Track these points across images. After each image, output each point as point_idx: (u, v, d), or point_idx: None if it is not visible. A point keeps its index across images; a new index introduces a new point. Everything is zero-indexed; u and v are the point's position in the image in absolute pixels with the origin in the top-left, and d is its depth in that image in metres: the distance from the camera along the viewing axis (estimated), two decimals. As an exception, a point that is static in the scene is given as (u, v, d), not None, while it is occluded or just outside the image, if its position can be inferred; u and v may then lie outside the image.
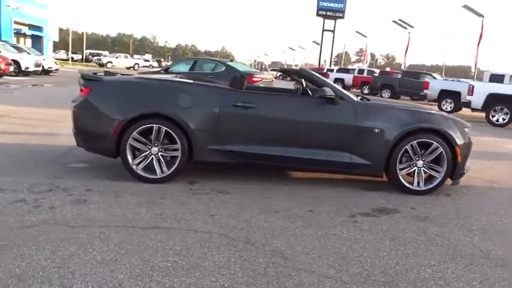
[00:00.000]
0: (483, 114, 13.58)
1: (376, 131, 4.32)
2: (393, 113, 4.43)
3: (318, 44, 54.01)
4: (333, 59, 52.63)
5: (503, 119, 12.97)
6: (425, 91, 17.46)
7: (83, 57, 56.65)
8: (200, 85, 4.47)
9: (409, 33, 32.12)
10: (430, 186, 4.47)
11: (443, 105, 16.43)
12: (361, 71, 31.15)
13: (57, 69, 24.12)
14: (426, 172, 4.47)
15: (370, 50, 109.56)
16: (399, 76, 24.47)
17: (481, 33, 22.66)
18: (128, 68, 42.95)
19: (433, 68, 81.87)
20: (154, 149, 4.22)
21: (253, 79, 11.49)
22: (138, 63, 47.49)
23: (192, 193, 4.04)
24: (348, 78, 30.27)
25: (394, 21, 32.64)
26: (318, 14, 47.27)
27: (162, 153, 4.23)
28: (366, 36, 42.43)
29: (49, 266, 2.50)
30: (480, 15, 22.47)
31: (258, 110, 4.25)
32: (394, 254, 2.99)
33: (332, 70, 35.33)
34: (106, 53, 59.95)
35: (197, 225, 3.26)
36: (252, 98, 4.35)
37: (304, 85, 5.30)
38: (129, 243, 2.88)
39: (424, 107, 5.37)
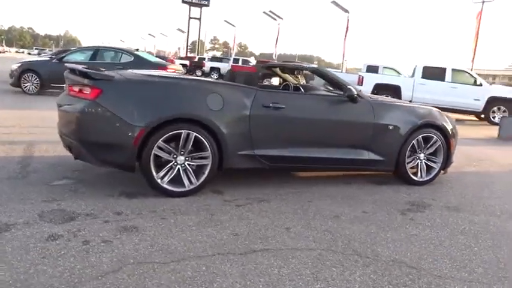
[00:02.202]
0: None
1: (390, 127, 4.49)
2: (403, 110, 4.65)
3: (183, 31, 53.29)
4: (188, 47, 52.46)
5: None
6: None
7: None
8: (229, 85, 4.02)
9: (278, 24, 33.76)
10: (430, 176, 4.83)
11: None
12: (236, 60, 31.75)
13: None
14: (426, 164, 4.80)
15: (224, 39, 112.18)
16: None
17: (347, 26, 25.03)
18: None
19: (291, 57, 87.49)
20: (181, 158, 3.69)
21: (167, 70, 10.85)
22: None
23: (234, 205, 3.66)
24: (224, 67, 30.59)
25: (264, 13, 33.90)
26: (183, 1, 46.66)
27: (188, 163, 3.72)
28: (234, 26, 43.26)
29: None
30: (346, 10, 24.78)
31: (287, 110, 4.03)
32: (489, 249, 3.13)
33: (204, 59, 35.31)
34: None
35: (290, 242, 2.97)
36: (281, 98, 4.10)
37: (303, 82, 5.19)
38: (255, 273, 2.49)
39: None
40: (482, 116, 13.90)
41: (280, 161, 4.09)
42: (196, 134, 3.64)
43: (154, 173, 3.58)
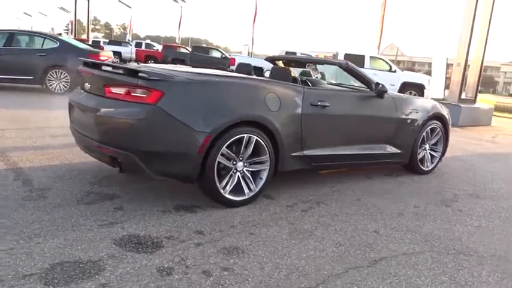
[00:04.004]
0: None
1: (408, 121, 4.67)
2: (417, 104, 4.84)
3: (67, 11, 48.80)
4: (64, 27, 48.36)
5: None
6: (232, 67, 18.51)
7: None
8: (282, 83, 3.75)
9: (181, 7, 32.66)
10: (433, 165, 5.16)
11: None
12: (138, 44, 30.13)
13: None
14: (430, 154, 5.11)
15: (106, 20, 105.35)
16: (182, 50, 25.12)
17: (255, 12, 25.24)
18: None
19: (171, 39, 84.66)
20: (240, 165, 3.40)
21: (100, 58, 9.90)
22: None
23: (299, 210, 3.50)
24: (126, 51, 28.88)
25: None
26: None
27: (247, 168, 3.45)
28: (130, 7, 40.75)
29: None
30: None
31: (332, 108, 3.93)
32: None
33: (98, 42, 32.78)
34: None
35: (394, 247, 2.93)
36: (325, 95, 3.97)
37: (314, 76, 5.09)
38: (405, 286, 2.41)
39: None
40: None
41: (323, 160, 4.00)
42: (257, 138, 3.37)
43: (218, 183, 3.24)
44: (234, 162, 3.33)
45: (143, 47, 29.14)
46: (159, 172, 3.09)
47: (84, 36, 39.20)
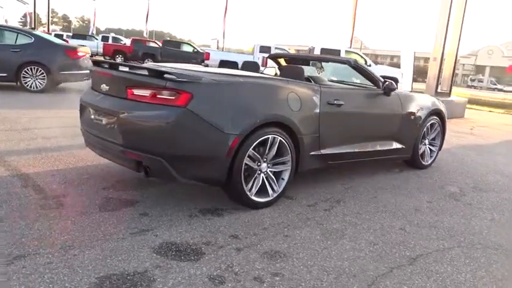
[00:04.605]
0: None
1: (412, 117, 4.77)
2: (419, 100, 4.94)
3: (25, 3, 46.69)
4: (19, 20, 46.34)
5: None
6: (206, 61, 18.31)
7: None
8: (301, 83, 3.72)
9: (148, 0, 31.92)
10: (432, 159, 5.30)
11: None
12: (105, 38, 29.24)
13: None
14: (430, 148, 5.25)
15: (64, 12, 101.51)
16: (151, 44, 24.65)
17: (226, 5, 25.00)
18: None
19: (133, 32, 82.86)
20: (264, 166, 3.37)
21: (78, 54, 9.56)
22: None
23: (322, 209, 3.51)
24: (92, 45, 27.94)
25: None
26: (27, -32, 40.61)
27: (270, 169, 3.43)
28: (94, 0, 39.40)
29: None
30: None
31: (346, 106, 3.95)
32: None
33: (61, 35, 31.55)
34: None
35: (426, 244, 2.99)
36: (340, 94, 3.99)
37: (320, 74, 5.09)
38: (450, 284, 2.46)
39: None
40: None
41: (338, 158, 4.03)
42: (281, 138, 3.35)
43: (245, 186, 3.20)
44: (259, 164, 3.30)
45: (110, 41, 28.26)
46: (187, 176, 3.02)
47: (41, 30, 37.58)
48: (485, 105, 18.03)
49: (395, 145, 4.66)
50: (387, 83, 4.36)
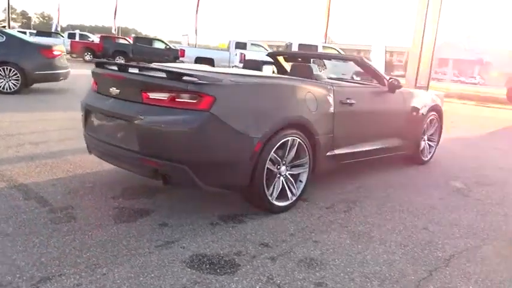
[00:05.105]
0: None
1: (414, 114, 4.78)
2: (419, 97, 4.96)
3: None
4: None
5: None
6: (181, 58, 17.97)
7: None
8: (316, 82, 3.62)
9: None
10: (430, 155, 5.34)
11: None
12: (72, 35, 28.24)
13: None
14: (428, 144, 5.29)
15: (22, 8, 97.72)
16: (121, 41, 24.04)
17: (198, 2, 24.64)
18: None
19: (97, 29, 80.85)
20: (283, 169, 3.28)
21: (54, 53, 9.16)
22: None
23: (341, 211, 3.44)
24: (58, 43, 26.90)
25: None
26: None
27: (289, 172, 3.34)
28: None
29: None
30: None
31: (357, 105, 3.90)
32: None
33: (24, 33, 30.26)
34: None
35: (458, 243, 2.98)
36: (351, 93, 3.92)
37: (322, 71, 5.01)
38: (497, 285, 2.45)
39: None
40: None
41: (349, 158, 3.97)
42: (299, 140, 3.26)
43: (267, 191, 3.09)
44: (278, 167, 3.20)
45: (77, 38, 27.30)
46: (210, 183, 2.88)
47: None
48: (457, 98, 18.54)
49: (399, 142, 4.66)
50: (391, 80, 4.33)
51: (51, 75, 9.18)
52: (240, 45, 18.14)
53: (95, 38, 29.23)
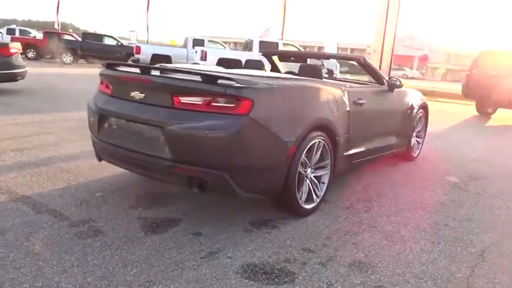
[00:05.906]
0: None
1: (408, 111, 4.94)
2: (410, 95, 5.10)
3: None
4: None
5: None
6: (136, 56, 17.41)
7: None
8: (333, 83, 3.60)
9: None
10: (418, 151, 5.55)
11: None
12: (11, 30, 26.43)
13: None
14: (417, 140, 5.49)
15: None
16: (67, 37, 22.87)
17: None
18: None
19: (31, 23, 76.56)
20: (309, 171, 3.26)
21: (10, 51, 8.56)
22: None
23: (362, 211, 3.48)
24: (-3, 38, 25.14)
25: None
26: None
27: (314, 174, 3.33)
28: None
29: None
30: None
31: (367, 105, 3.95)
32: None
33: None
34: None
35: (481, 238, 3.11)
36: (361, 93, 3.97)
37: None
38: None
39: None
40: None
41: (359, 157, 4.02)
42: (324, 142, 3.26)
43: (297, 194, 3.06)
44: (305, 170, 3.17)
45: (17, 34, 25.57)
46: (247, 189, 2.79)
47: None
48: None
49: (395, 139, 4.78)
50: (390, 79, 4.43)
51: (8, 74, 8.55)
52: (198, 42, 17.83)
53: (37, 34, 27.61)
